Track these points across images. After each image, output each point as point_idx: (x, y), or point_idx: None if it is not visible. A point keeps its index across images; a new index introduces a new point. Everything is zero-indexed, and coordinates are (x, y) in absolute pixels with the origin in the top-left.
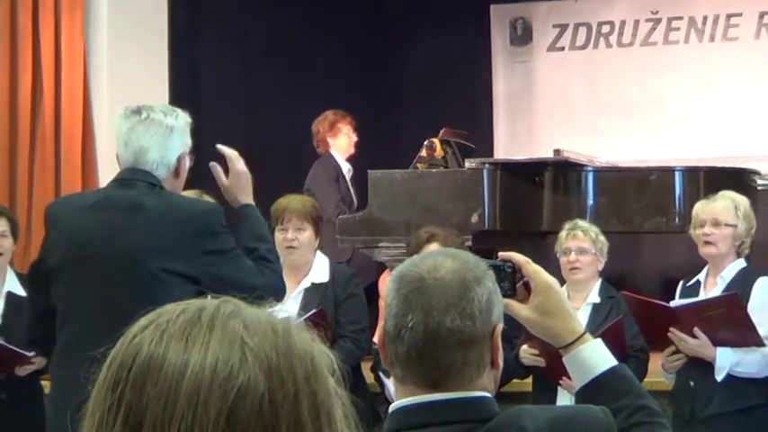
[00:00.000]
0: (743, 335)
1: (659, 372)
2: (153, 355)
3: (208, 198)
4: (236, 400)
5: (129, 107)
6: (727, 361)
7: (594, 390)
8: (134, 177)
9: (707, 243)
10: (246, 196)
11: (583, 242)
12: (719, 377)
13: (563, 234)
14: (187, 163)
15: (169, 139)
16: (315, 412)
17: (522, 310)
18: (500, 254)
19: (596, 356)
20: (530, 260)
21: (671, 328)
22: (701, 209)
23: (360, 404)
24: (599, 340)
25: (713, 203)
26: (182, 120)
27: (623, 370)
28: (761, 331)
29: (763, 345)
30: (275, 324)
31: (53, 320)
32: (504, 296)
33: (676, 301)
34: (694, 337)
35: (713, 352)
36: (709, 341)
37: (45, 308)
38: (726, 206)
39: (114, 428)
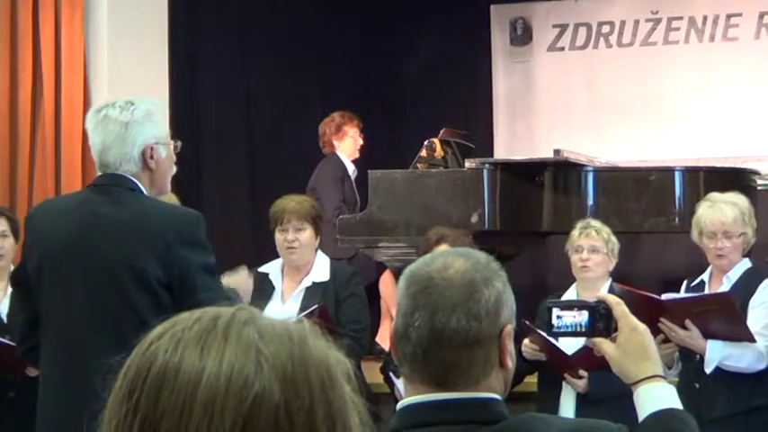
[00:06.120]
0: (733, 330)
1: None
2: (168, 364)
3: (172, 196)
4: (252, 410)
5: (95, 106)
6: (717, 354)
7: (645, 426)
8: (111, 183)
9: (720, 256)
10: None
11: (596, 241)
12: (708, 369)
13: (575, 232)
14: (162, 153)
15: (126, 135)
16: (330, 422)
17: (608, 349)
18: (597, 294)
19: (653, 397)
20: (621, 302)
21: (661, 319)
22: (709, 220)
23: (371, 408)
24: (665, 385)
25: (720, 214)
26: (140, 112)
27: (677, 413)
28: (755, 328)
29: (754, 341)
30: (291, 332)
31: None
32: (599, 335)
33: (668, 295)
34: (685, 328)
35: (703, 344)
36: (699, 333)
37: (33, 315)
38: (734, 216)
39: None
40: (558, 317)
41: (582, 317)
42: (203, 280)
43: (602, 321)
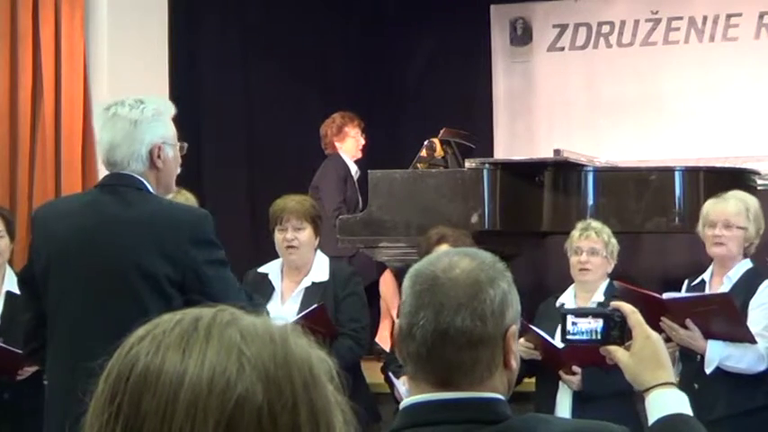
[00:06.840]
0: (733, 331)
1: None
2: (150, 367)
3: (189, 196)
4: (234, 411)
5: (103, 104)
6: (718, 354)
7: (652, 431)
8: (119, 183)
9: (717, 244)
10: None
11: (595, 243)
12: (708, 369)
13: (575, 234)
14: (169, 153)
15: (135, 133)
16: (314, 421)
17: (622, 357)
18: (612, 303)
19: (662, 403)
20: (635, 310)
21: (662, 318)
22: (712, 209)
23: (359, 410)
24: (676, 391)
25: (724, 204)
26: (149, 111)
27: (685, 418)
28: (756, 329)
29: (755, 342)
30: (273, 332)
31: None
32: (614, 343)
33: (669, 294)
34: (686, 327)
35: (704, 344)
36: (700, 333)
37: (39, 315)
38: (738, 208)
39: None
40: (573, 323)
41: (597, 324)
42: (215, 272)
43: (616, 329)
